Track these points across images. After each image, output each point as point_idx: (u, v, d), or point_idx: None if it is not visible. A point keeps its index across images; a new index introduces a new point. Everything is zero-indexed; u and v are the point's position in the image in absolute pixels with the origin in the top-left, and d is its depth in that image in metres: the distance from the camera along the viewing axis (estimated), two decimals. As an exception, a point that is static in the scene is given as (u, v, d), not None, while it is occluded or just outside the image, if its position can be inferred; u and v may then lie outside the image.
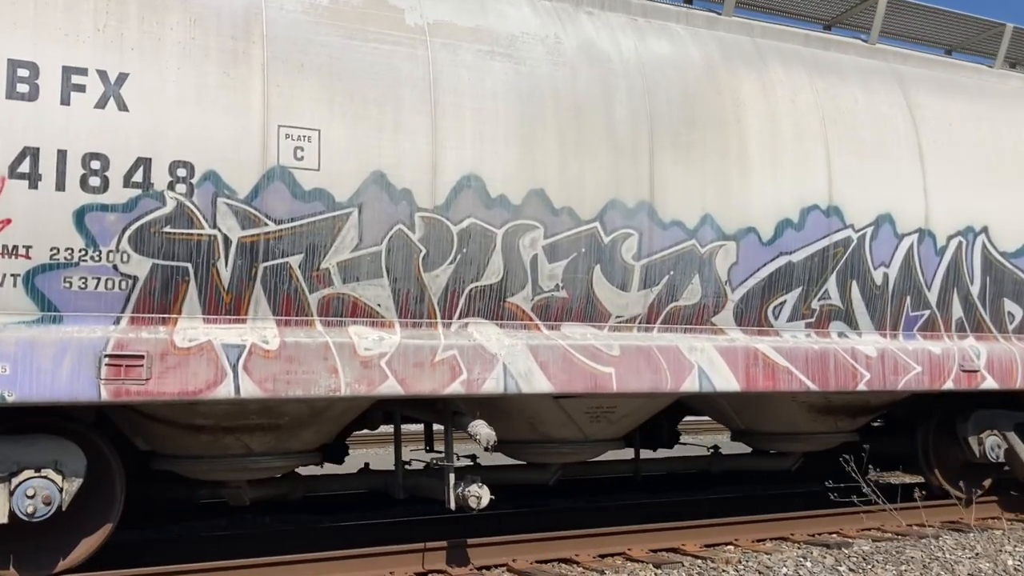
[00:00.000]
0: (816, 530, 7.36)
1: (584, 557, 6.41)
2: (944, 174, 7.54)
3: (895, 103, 7.52)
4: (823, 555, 6.61)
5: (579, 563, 6.35)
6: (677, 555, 6.64)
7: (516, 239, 5.88)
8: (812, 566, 6.28)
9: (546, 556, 6.39)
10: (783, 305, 6.85)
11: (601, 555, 6.51)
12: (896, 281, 7.26)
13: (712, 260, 6.53)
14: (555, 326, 6.09)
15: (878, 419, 8.87)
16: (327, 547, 6.23)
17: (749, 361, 6.63)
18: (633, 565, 6.33)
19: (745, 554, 6.64)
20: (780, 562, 6.37)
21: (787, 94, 7.03)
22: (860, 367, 7.06)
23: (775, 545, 7.01)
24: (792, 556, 6.56)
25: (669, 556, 6.57)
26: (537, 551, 6.39)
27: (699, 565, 6.29)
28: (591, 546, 6.55)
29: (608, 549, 6.58)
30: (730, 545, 6.98)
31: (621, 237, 6.22)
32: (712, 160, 6.56)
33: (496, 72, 5.97)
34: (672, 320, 6.46)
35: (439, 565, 6.08)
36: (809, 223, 6.90)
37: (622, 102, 6.34)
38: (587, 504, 8.70)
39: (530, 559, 6.31)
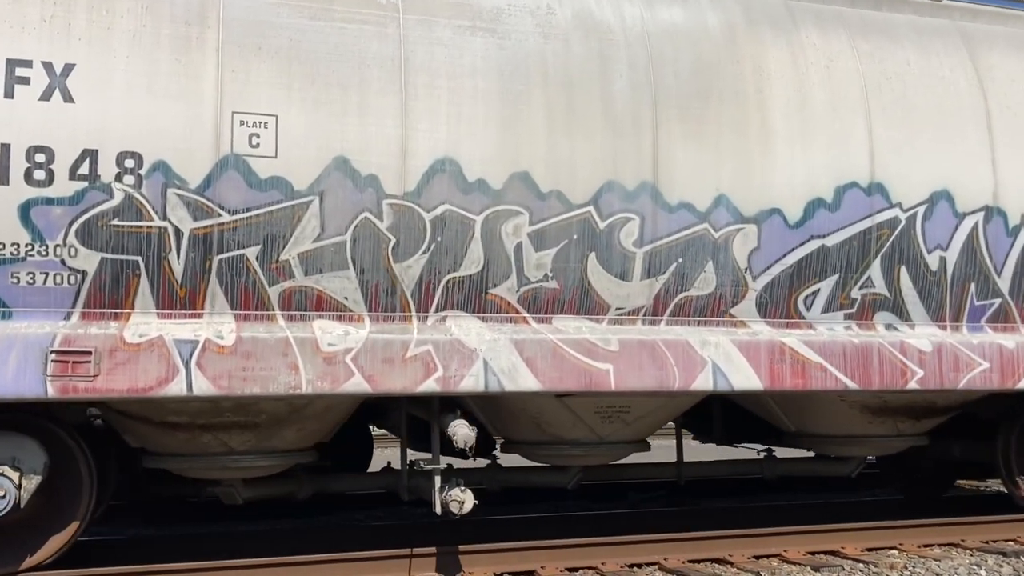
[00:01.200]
0: (990, 536, 6.81)
1: (738, 558, 6.22)
2: (1018, 143, 6.63)
3: (958, 64, 6.67)
4: (999, 563, 6.08)
5: (733, 564, 6.15)
6: (836, 558, 6.31)
7: (497, 226, 5.49)
8: (987, 575, 5.77)
9: (699, 556, 6.24)
10: (816, 294, 6.16)
11: (756, 556, 6.32)
12: (956, 266, 6.42)
13: (728, 245, 5.93)
14: (545, 319, 5.66)
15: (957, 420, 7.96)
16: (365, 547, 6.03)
17: (774, 357, 5.99)
18: (790, 567, 6.03)
19: (912, 559, 6.18)
20: (951, 569, 5.89)
21: (822, 60, 6.32)
22: (911, 363, 6.28)
23: (944, 551, 6.50)
24: (964, 564, 6.07)
25: (828, 559, 6.24)
26: (690, 550, 6.25)
27: (861, 570, 5.92)
28: (745, 547, 6.37)
29: (763, 550, 6.39)
30: (894, 550, 6.53)
31: (620, 222, 5.72)
32: (728, 136, 5.96)
33: (476, 48, 5.59)
34: (682, 312, 5.91)
35: (589, 562, 6.01)
36: (846, 203, 6.17)
37: (622, 75, 5.83)
38: (739, 504, 8.50)
39: (682, 558, 6.17)
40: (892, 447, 7.22)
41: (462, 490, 5.54)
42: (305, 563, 5.58)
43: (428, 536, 6.47)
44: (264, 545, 6.28)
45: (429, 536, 6.46)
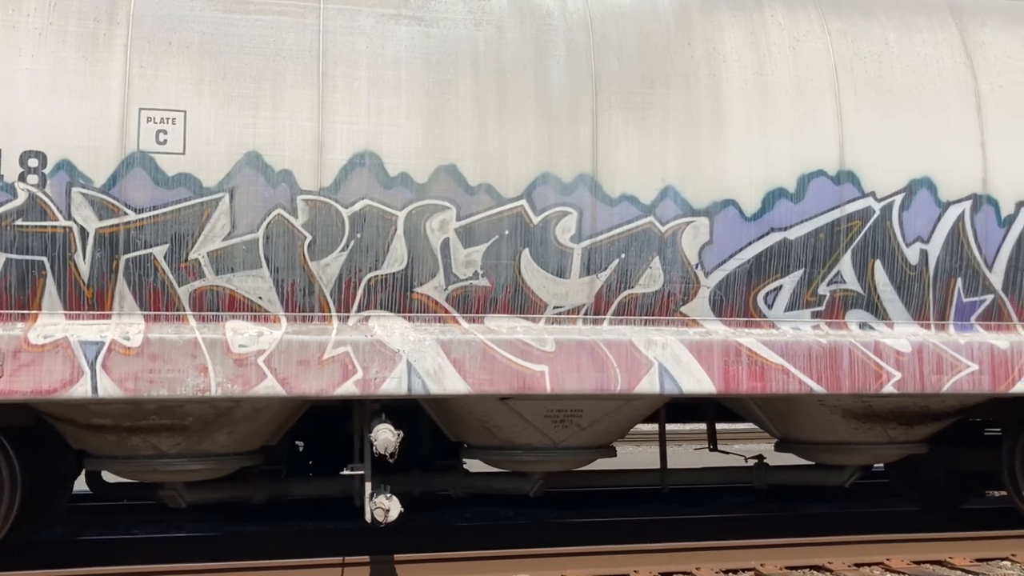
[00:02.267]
0: None
1: (838, 565, 6.00)
2: (1013, 125, 6.08)
3: (944, 41, 6.15)
4: None
5: (832, 571, 5.93)
6: (944, 568, 6.05)
7: (422, 222, 5.26)
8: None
9: (796, 562, 6.06)
10: (778, 292, 5.75)
11: (857, 564, 6.08)
12: (940, 260, 5.92)
13: (676, 240, 5.57)
14: (477, 319, 5.40)
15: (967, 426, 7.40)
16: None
17: (728, 358, 5.61)
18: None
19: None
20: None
21: (786, 40, 5.90)
22: (887, 365, 5.81)
23: (1062, 564, 6.12)
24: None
25: (934, 569, 6.01)
26: (787, 556, 6.10)
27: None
28: (846, 554, 6.17)
29: (865, 558, 6.14)
30: (1006, 560, 6.18)
31: (556, 216, 5.42)
32: (676, 123, 5.60)
33: (401, 37, 5.37)
34: (627, 311, 5.57)
35: (683, 567, 5.87)
36: (812, 192, 5.75)
37: (560, 61, 5.54)
38: (840, 510, 8.28)
39: (779, 564, 6.01)
40: (885, 456, 6.71)
41: (388, 497, 5.31)
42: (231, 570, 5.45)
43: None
44: (194, 551, 6.18)
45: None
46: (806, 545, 6.17)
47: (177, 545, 6.53)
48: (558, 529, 7.20)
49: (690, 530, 6.84)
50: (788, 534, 6.40)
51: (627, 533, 6.69)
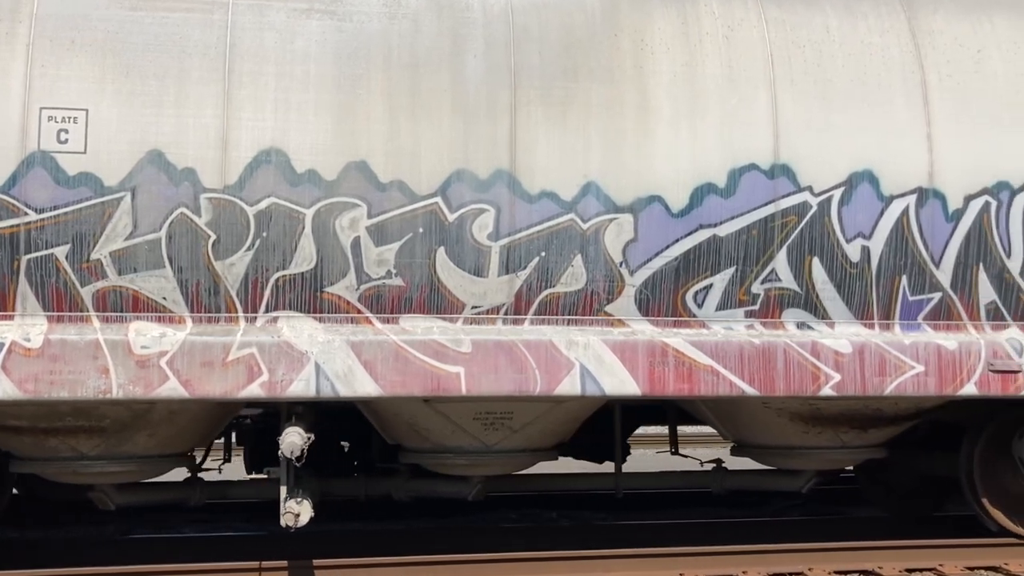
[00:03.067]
0: None
1: (888, 570, 5.94)
2: (962, 117, 5.81)
3: (891, 29, 5.90)
4: None
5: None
6: (998, 575, 5.94)
7: (331, 220, 5.15)
8: None
9: (846, 567, 5.99)
10: (709, 290, 5.55)
11: (908, 569, 6.00)
12: (883, 257, 5.68)
13: (599, 237, 5.40)
14: (392, 319, 5.28)
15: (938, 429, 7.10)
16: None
17: (654, 358, 5.42)
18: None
19: None
20: None
21: (719, 30, 5.70)
22: (825, 366, 5.58)
23: None
24: None
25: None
26: (836, 561, 6.01)
27: (1022, 589, 5.47)
28: (896, 559, 6.08)
29: (916, 563, 6.05)
30: None
31: (472, 214, 5.28)
32: (599, 117, 5.43)
33: (312, 32, 5.27)
34: (549, 310, 5.41)
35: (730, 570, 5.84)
36: (743, 187, 5.54)
37: (477, 55, 5.40)
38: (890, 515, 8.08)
39: (828, 568, 5.94)
40: (840, 460, 6.47)
41: (298, 502, 5.21)
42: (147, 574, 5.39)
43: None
44: (111, 552, 6.14)
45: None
46: (855, 549, 6.07)
47: (222, 544, 6.54)
48: (601, 531, 7.17)
49: (735, 533, 6.76)
50: (836, 538, 6.33)
51: (672, 536, 6.63)
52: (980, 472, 6.34)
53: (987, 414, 6.41)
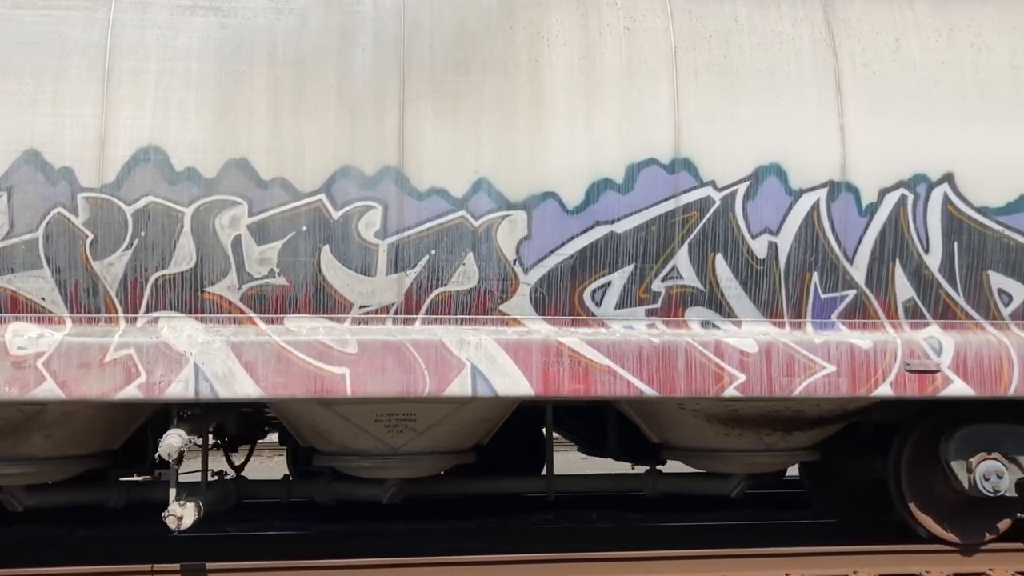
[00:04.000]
0: None
1: (936, 575, 5.90)
2: (878, 107, 5.60)
3: (804, 18, 5.70)
4: None
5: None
6: None
7: (210, 218, 5.08)
8: None
9: (891, 570, 5.95)
10: (607, 288, 5.39)
11: (957, 574, 5.98)
12: (792, 253, 5.48)
13: (492, 235, 5.27)
14: (276, 320, 5.19)
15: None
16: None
17: (548, 358, 5.28)
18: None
19: None
20: None
21: (621, 21, 5.54)
22: (729, 366, 5.40)
23: None
24: None
25: None
26: (882, 564, 5.94)
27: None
28: (944, 563, 6.00)
29: (966, 568, 6.00)
30: None
31: (358, 211, 5.18)
32: (491, 112, 5.30)
33: (195, 28, 5.20)
34: (441, 309, 5.29)
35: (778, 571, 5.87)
36: (642, 182, 5.38)
37: (366, 50, 5.30)
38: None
39: (874, 572, 5.90)
40: (767, 464, 6.27)
41: (181, 504, 5.16)
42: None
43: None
44: (280, 549, 6.17)
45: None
46: (901, 553, 5.98)
47: (265, 543, 6.62)
48: (641, 532, 7.17)
49: (778, 535, 6.64)
50: (882, 541, 6.19)
51: (712, 537, 6.59)
52: (908, 476, 6.11)
53: (918, 415, 6.18)
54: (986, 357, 5.59)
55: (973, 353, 5.59)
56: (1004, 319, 5.68)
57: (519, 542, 6.44)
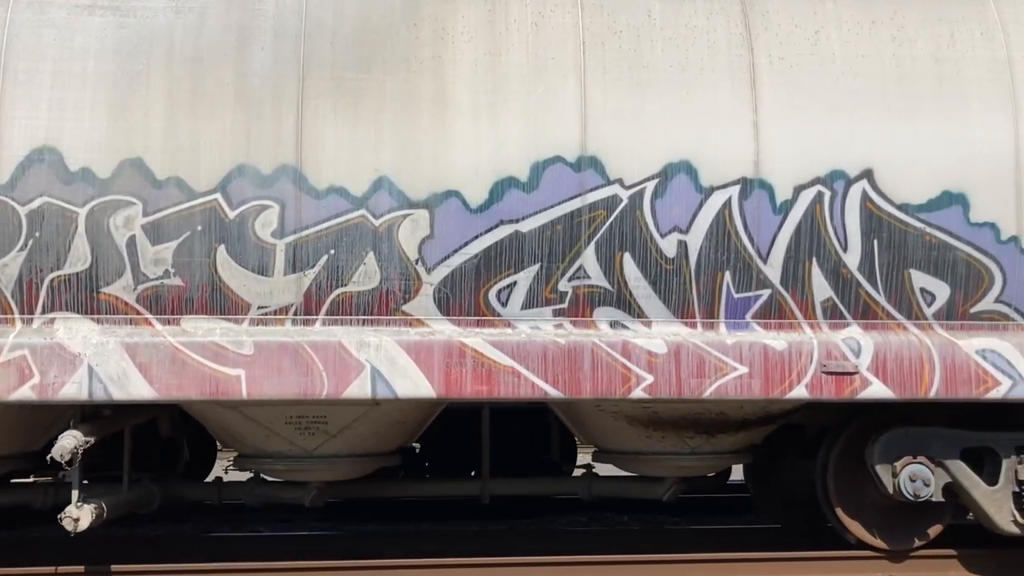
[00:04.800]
0: None
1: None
2: (794, 102, 5.46)
3: (720, 11, 5.58)
4: None
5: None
6: None
7: (105, 218, 5.04)
8: None
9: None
10: (513, 288, 5.30)
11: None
12: (703, 252, 5.36)
13: (393, 234, 5.19)
14: (173, 320, 5.14)
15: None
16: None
17: (451, 360, 5.20)
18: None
19: None
20: None
21: (529, 16, 5.45)
22: (637, 368, 5.29)
23: None
24: None
25: None
26: (805, 572, 5.87)
27: None
28: (870, 570, 5.90)
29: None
30: None
31: (254, 210, 5.13)
32: (392, 110, 5.23)
33: (93, 28, 5.18)
34: (342, 310, 5.22)
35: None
36: (547, 181, 5.28)
37: (265, 48, 5.25)
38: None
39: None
40: (695, 467, 6.15)
41: (78, 506, 5.12)
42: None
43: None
44: (314, 549, 6.27)
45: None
46: (825, 559, 5.89)
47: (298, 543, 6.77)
48: (676, 535, 7.19)
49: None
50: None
51: (750, 540, 6.63)
52: (835, 480, 5.96)
53: (847, 418, 6.03)
54: (907, 359, 5.43)
55: (893, 354, 5.44)
56: (927, 319, 5.52)
57: (547, 544, 6.45)
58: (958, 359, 5.46)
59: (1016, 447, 5.74)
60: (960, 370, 5.45)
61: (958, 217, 5.48)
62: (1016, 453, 5.73)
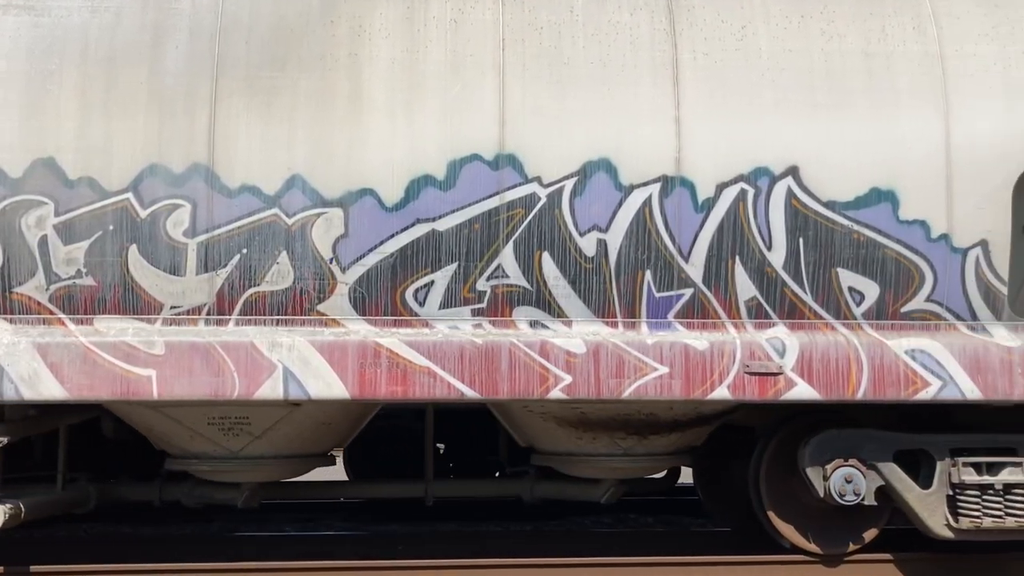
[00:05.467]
0: None
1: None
2: (717, 98, 5.38)
3: (645, 6, 5.50)
4: None
5: None
6: None
7: (16, 218, 5.03)
8: None
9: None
10: (430, 287, 5.24)
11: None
12: (623, 250, 5.29)
13: (306, 233, 5.15)
14: (86, 320, 5.13)
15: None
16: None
17: (366, 360, 5.15)
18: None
19: None
20: None
21: (448, 13, 5.39)
22: (555, 368, 5.22)
23: None
24: None
25: None
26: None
27: None
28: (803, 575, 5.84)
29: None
30: None
31: (166, 209, 5.10)
32: (306, 108, 5.19)
33: (6, 28, 5.17)
34: (256, 310, 5.19)
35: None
36: (464, 179, 5.22)
37: (180, 47, 5.22)
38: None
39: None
40: (629, 469, 6.06)
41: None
42: None
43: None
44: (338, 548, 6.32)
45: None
46: (757, 564, 5.76)
47: (323, 543, 6.83)
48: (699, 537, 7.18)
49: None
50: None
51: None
52: (767, 483, 5.86)
53: (782, 420, 5.94)
54: (833, 359, 5.33)
55: (820, 355, 5.34)
56: (856, 319, 5.42)
57: (574, 544, 6.49)
58: (887, 360, 5.35)
59: (951, 450, 5.63)
60: (889, 371, 5.35)
61: (887, 215, 5.37)
62: (951, 456, 5.61)
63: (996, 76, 5.51)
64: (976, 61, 5.53)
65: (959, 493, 5.55)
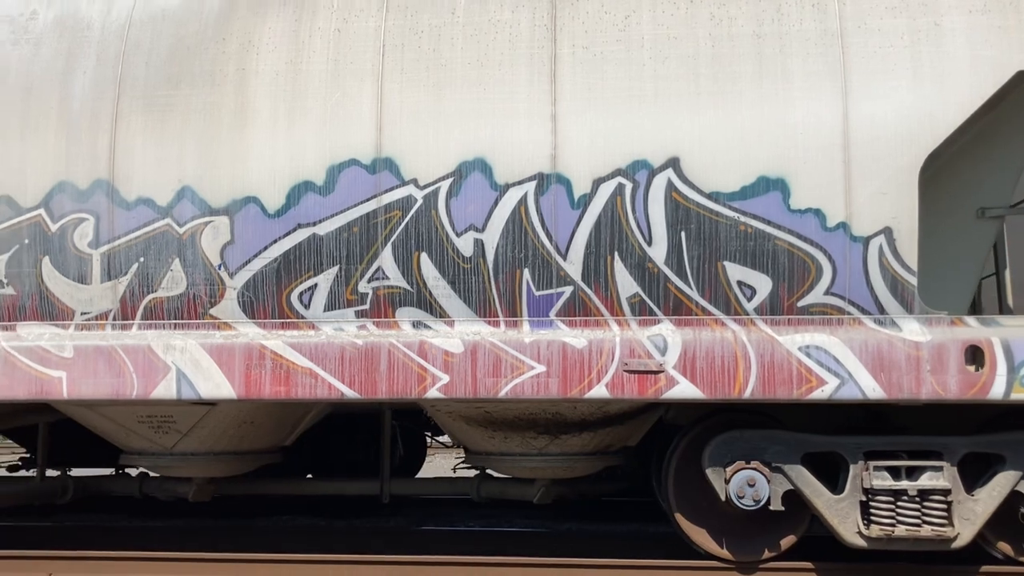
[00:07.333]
0: None
1: None
2: (595, 92, 5.27)
3: (527, 3, 5.46)
4: None
5: None
6: None
7: (-54, 236, 5.58)
8: None
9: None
10: (314, 290, 5.41)
11: None
12: (500, 249, 5.27)
13: (196, 241, 5.43)
14: (9, 327, 5.61)
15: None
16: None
17: (251, 361, 5.38)
18: None
19: None
20: None
21: (333, 23, 5.55)
22: (433, 367, 5.27)
23: None
24: None
25: None
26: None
27: None
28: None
29: None
30: None
31: (73, 223, 5.51)
32: (196, 122, 5.48)
33: (-59, 64, 5.73)
34: (155, 315, 5.51)
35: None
36: (343, 184, 5.36)
37: (87, 72, 5.62)
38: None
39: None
40: (551, 469, 6.03)
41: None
42: None
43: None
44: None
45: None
46: (664, 569, 5.59)
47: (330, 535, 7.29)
48: None
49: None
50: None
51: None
52: (676, 485, 5.67)
53: (697, 419, 5.73)
54: (719, 356, 5.12)
55: (704, 352, 5.14)
56: (748, 314, 5.18)
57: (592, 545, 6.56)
58: (778, 357, 5.09)
59: (864, 452, 5.28)
60: (780, 368, 5.09)
61: (777, 204, 5.12)
62: (864, 459, 5.27)
63: (902, 52, 5.14)
64: (880, 37, 5.17)
65: (871, 499, 5.21)
